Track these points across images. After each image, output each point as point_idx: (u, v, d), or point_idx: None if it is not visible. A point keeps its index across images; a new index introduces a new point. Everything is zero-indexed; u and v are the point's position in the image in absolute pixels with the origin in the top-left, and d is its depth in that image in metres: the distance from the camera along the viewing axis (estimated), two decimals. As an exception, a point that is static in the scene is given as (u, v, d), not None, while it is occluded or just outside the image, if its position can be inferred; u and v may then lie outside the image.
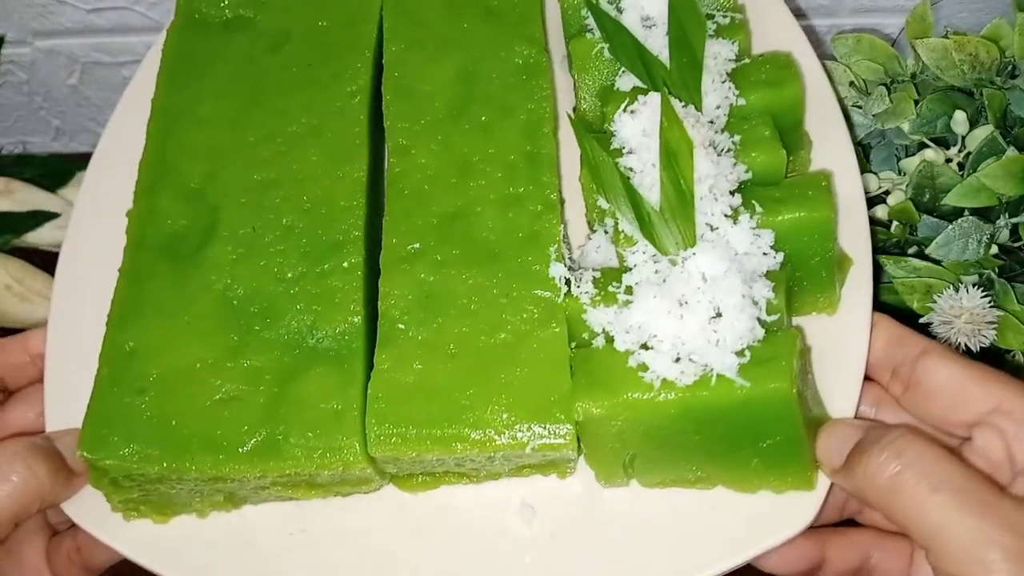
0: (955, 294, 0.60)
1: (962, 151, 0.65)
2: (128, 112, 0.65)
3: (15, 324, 0.83)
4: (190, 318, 0.54)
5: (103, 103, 0.96)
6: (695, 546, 0.50)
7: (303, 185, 0.57)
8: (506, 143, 0.57)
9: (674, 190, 0.51)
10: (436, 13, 0.62)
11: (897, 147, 0.67)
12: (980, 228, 0.62)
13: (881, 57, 0.69)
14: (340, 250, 0.55)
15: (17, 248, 0.84)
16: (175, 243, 0.56)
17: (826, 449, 0.48)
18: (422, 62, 0.60)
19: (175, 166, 0.59)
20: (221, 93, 0.61)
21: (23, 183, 0.86)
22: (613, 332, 0.50)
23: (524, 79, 0.59)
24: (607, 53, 0.59)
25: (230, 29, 0.64)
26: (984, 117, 0.65)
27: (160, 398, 0.52)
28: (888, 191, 0.66)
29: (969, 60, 0.65)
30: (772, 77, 0.57)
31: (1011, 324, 0.60)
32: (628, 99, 0.55)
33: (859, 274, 0.55)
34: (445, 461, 0.51)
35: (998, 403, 0.45)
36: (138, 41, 0.89)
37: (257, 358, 0.53)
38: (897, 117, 0.66)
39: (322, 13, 0.63)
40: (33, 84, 0.94)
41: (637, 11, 0.59)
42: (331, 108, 0.59)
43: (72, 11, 0.86)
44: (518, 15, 0.62)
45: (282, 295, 0.54)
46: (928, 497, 0.41)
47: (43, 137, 1.00)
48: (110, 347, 0.54)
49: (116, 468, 0.50)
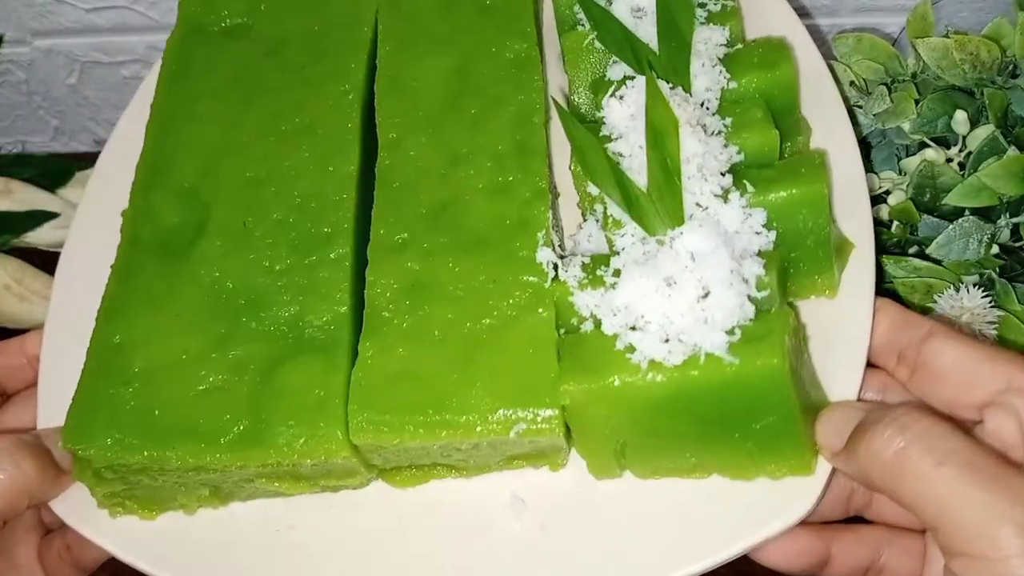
0: (956, 294, 0.60)
1: (963, 151, 0.65)
2: (130, 123, 0.66)
3: (15, 324, 0.83)
4: (178, 311, 0.54)
5: (102, 103, 0.96)
6: (691, 537, 0.49)
7: (294, 181, 0.58)
8: (496, 134, 0.57)
9: (660, 169, 0.50)
10: (430, 13, 0.63)
11: (898, 147, 0.68)
12: (981, 228, 0.62)
13: (882, 57, 0.69)
14: (329, 242, 0.55)
15: (17, 248, 0.84)
16: (167, 239, 0.57)
17: (826, 432, 0.46)
18: (414, 59, 0.61)
19: (170, 165, 0.59)
20: (217, 94, 0.62)
21: (22, 183, 0.85)
22: (600, 315, 0.49)
23: (515, 72, 0.59)
24: (597, 44, 0.59)
25: (229, 36, 0.65)
26: (985, 117, 0.65)
27: (145, 389, 0.51)
28: (889, 191, 0.66)
29: (970, 59, 0.65)
30: (764, 59, 0.57)
31: (1012, 324, 0.60)
32: (617, 86, 0.55)
33: (861, 258, 0.53)
34: (431, 451, 0.50)
35: (1008, 381, 0.43)
36: (138, 41, 0.90)
37: (243, 348, 0.52)
38: (898, 117, 0.66)
39: (318, 18, 0.64)
40: (32, 84, 0.94)
41: (627, 2, 0.58)
42: (324, 106, 0.60)
43: (71, 11, 0.87)
44: (510, 13, 0.62)
45: (270, 287, 0.54)
46: (934, 471, 0.39)
47: (42, 137, 1.01)
48: (98, 341, 0.54)
49: (98, 458, 0.50)
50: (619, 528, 0.50)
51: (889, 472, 0.41)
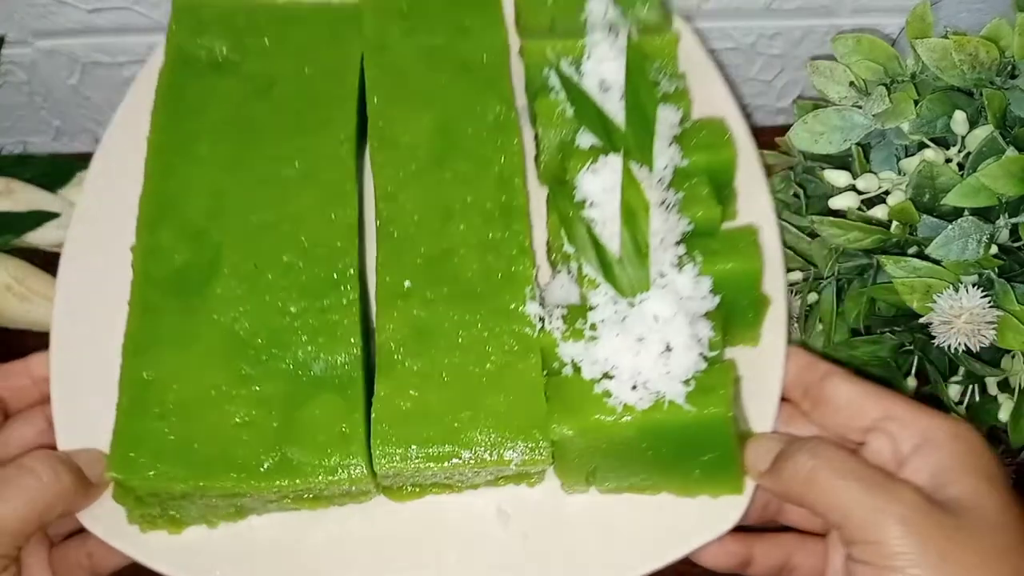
0: (954, 294, 0.60)
1: (962, 151, 0.65)
2: (114, 142, 0.69)
3: (15, 324, 0.83)
4: (201, 349, 0.59)
5: (103, 103, 0.95)
6: (643, 543, 0.60)
7: (299, 226, 0.63)
8: (483, 193, 0.64)
9: (632, 243, 0.60)
10: (415, 66, 0.68)
11: (897, 147, 0.68)
12: (980, 228, 0.62)
13: (881, 57, 0.69)
14: (337, 287, 0.61)
15: (17, 248, 0.84)
16: (180, 278, 0.61)
17: (755, 457, 0.58)
18: (403, 114, 0.66)
19: (176, 203, 0.63)
20: (216, 134, 0.65)
21: (23, 183, 0.85)
22: (580, 363, 0.59)
23: (496, 134, 0.66)
24: (569, 113, 0.66)
25: (218, 72, 0.68)
26: (984, 117, 0.65)
27: (181, 423, 0.57)
28: (888, 191, 0.66)
29: (969, 60, 0.65)
30: (710, 141, 0.65)
31: (1011, 324, 0.61)
32: (591, 159, 0.63)
33: (776, 313, 0.64)
34: (436, 475, 0.58)
35: (886, 411, 0.55)
36: (138, 41, 0.89)
37: (265, 385, 0.59)
38: (897, 117, 0.66)
39: (305, 60, 0.68)
40: (34, 84, 0.93)
41: (595, 76, 0.66)
42: (321, 154, 0.65)
43: (72, 11, 0.86)
44: (490, 72, 0.68)
45: (286, 328, 0.60)
46: (839, 483, 0.51)
47: (43, 137, 1.00)
48: (128, 376, 0.59)
49: (143, 487, 0.56)
50: (588, 534, 0.60)
51: (805, 487, 0.53)
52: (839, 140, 0.69)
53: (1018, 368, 0.64)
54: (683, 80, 0.69)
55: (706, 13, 0.86)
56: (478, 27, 0.69)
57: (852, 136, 0.68)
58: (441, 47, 0.68)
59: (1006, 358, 0.65)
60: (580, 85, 0.65)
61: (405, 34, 0.69)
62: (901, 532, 0.49)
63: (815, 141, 0.69)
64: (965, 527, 0.49)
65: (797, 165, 0.73)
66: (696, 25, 0.85)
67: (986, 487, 0.51)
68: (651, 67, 0.67)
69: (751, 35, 0.89)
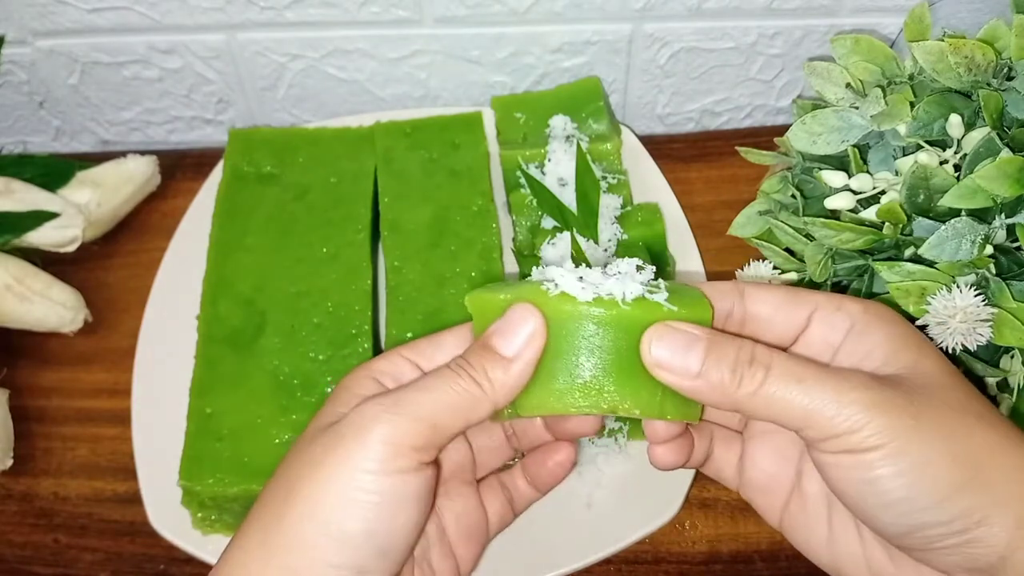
0: (948, 294, 0.60)
1: (958, 152, 0.65)
2: (182, 239, 0.89)
3: (15, 324, 0.83)
4: (250, 389, 0.76)
5: (103, 103, 0.96)
6: (596, 531, 0.71)
7: (327, 295, 0.81)
8: (468, 264, 0.82)
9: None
10: (415, 172, 0.88)
11: (895, 148, 0.67)
12: (974, 228, 0.61)
13: (879, 58, 0.69)
14: (355, 339, 0.79)
15: (17, 248, 0.85)
16: (235, 336, 0.79)
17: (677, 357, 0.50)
18: (408, 208, 0.86)
19: (230, 282, 0.82)
20: (262, 229, 0.85)
21: (23, 183, 0.86)
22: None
23: (478, 220, 0.85)
24: (535, 203, 0.85)
25: (263, 182, 0.88)
26: (981, 119, 0.65)
27: (234, 444, 0.74)
28: (884, 191, 0.66)
29: (965, 63, 0.65)
30: (645, 219, 0.83)
31: (1007, 320, 0.60)
32: (550, 235, 0.81)
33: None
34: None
35: (809, 309, 0.55)
36: (138, 41, 0.90)
37: (301, 415, 0.75)
38: (893, 120, 0.66)
39: (331, 172, 0.89)
40: (33, 84, 0.94)
41: (555, 175, 0.85)
42: (344, 240, 0.84)
43: (72, 11, 0.87)
44: (474, 175, 0.88)
45: (316, 371, 0.77)
46: (797, 387, 0.50)
47: (43, 137, 1.00)
48: (194, 410, 0.76)
49: (205, 491, 0.72)
50: (533, 530, 0.70)
51: (762, 401, 0.51)
52: (837, 141, 0.68)
53: (1017, 368, 0.64)
54: (625, 175, 0.87)
55: (706, 13, 0.86)
56: (465, 143, 0.90)
57: (850, 137, 0.68)
58: (436, 159, 0.89)
59: (1005, 358, 0.65)
60: (543, 183, 0.84)
61: (408, 149, 0.90)
62: (869, 415, 0.49)
63: (813, 142, 0.69)
64: (920, 392, 0.51)
65: (795, 166, 0.73)
66: (696, 25, 0.85)
67: (921, 356, 0.53)
68: (598, 167, 0.85)
69: (751, 35, 0.89)
